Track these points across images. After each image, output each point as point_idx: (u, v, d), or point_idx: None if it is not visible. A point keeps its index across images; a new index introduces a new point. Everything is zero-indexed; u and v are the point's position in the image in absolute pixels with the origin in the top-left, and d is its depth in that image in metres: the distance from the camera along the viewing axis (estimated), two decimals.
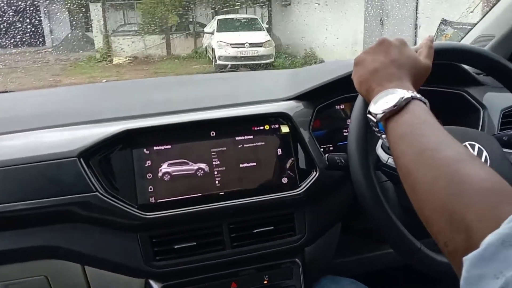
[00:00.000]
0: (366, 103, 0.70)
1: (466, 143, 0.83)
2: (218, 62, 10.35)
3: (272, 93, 1.06)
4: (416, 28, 7.60)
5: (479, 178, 0.46)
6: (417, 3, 7.59)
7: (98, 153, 0.86)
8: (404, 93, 0.60)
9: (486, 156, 0.81)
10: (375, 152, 0.86)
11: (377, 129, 0.67)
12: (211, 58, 10.99)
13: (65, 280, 0.89)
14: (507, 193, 0.44)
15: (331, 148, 1.11)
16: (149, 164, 0.87)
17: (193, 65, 10.92)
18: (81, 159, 0.83)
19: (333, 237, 1.03)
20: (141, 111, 0.97)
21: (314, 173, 0.94)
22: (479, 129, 1.06)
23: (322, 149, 1.07)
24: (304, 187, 0.92)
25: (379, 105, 0.61)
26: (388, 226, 0.72)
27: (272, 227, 0.92)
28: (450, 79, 1.09)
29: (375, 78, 0.66)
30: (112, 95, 1.19)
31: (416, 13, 7.59)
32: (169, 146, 0.89)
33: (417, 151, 0.53)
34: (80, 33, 14.55)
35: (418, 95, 0.62)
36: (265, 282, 0.93)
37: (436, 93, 1.12)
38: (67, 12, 14.16)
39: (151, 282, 0.88)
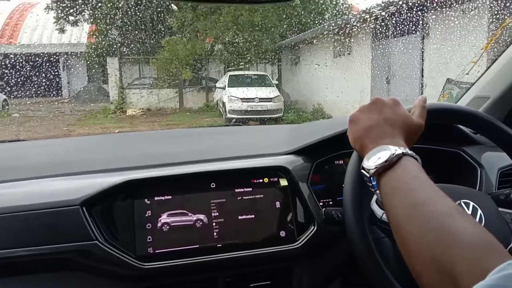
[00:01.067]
0: (361, 159, 0.73)
1: (461, 201, 0.83)
2: (229, 115, 10.58)
3: (273, 147, 1.09)
4: (422, 87, 7.75)
5: (467, 233, 0.47)
6: (422, 63, 7.80)
7: (100, 202, 0.88)
8: (395, 149, 0.63)
9: (480, 214, 0.82)
10: (371, 207, 0.87)
11: (370, 184, 0.69)
12: (222, 112, 11.24)
13: None
14: (494, 248, 0.45)
15: (331, 203, 1.11)
16: (149, 214, 0.89)
17: (204, 118, 11.16)
18: (84, 208, 0.86)
19: None
20: (144, 162, 1.00)
21: (312, 227, 0.94)
22: (477, 188, 1.07)
23: (321, 204, 1.08)
24: (302, 241, 0.93)
25: (372, 161, 0.64)
26: (382, 281, 0.71)
27: (269, 282, 0.91)
28: (447, 138, 1.12)
29: (368, 135, 0.69)
30: (118, 146, 1.24)
31: (422, 72, 7.78)
32: (170, 197, 0.91)
33: (408, 205, 0.55)
34: (96, 85, 15.11)
35: (410, 152, 0.64)
36: None
37: (434, 151, 1.14)
38: (85, 65, 14.79)
39: None
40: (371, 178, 0.66)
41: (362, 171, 0.67)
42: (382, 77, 9.07)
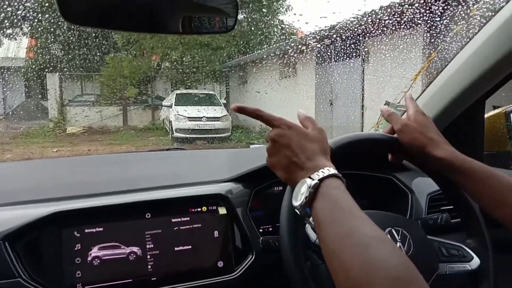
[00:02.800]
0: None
1: (392, 229, 0.86)
2: (175, 134, 10.44)
3: (212, 174, 1.08)
4: (362, 109, 8.09)
5: (388, 266, 0.48)
6: (363, 86, 8.16)
7: (25, 236, 0.82)
8: (310, 181, 0.63)
9: (410, 241, 0.85)
10: (306, 231, 0.87)
11: (307, 219, 0.69)
12: (168, 130, 11.07)
13: None
14: (412, 281, 0.46)
15: (270, 229, 1.12)
16: (79, 247, 0.84)
17: (149, 137, 10.91)
18: (6, 243, 0.80)
19: None
20: (75, 192, 0.95)
21: (250, 256, 0.94)
22: (408, 212, 1.11)
23: (261, 230, 1.08)
24: (240, 270, 0.92)
25: (298, 199, 0.64)
26: None
27: None
28: (379, 165, 1.16)
29: (291, 173, 0.69)
30: (49, 173, 1.17)
31: (363, 95, 8.13)
32: (101, 229, 0.87)
33: (333, 238, 0.56)
34: (34, 102, 14.36)
35: (328, 172, 0.64)
36: None
37: (368, 177, 1.19)
38: (22, 81, 14.04)
39: None
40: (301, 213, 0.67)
41: (296, 210, 0.67)
42: (326, 99, 9.38)
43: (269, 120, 0.73)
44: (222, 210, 0.97)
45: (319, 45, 8.79)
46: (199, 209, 0.95)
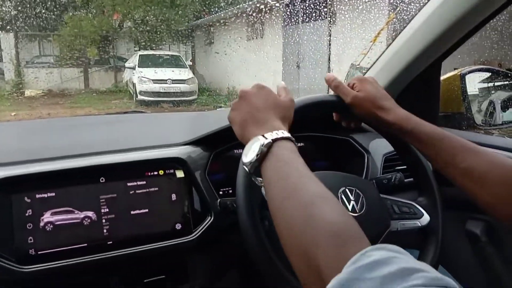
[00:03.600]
0: None
1: (346, 188, 0.88)
2: (139, 97, 10.19)
3: (171, 138, 1.06)
4: (329, 71, 8.13)
5: (327, 221, 0.49)
6: (329, 49, 8.16)
7: None
8: (264, 138, 0.63)
9: (363, 200, 0.88)
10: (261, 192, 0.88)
11: (253, 178, 0.70)
12: (132, 93, 10.79)
13: None
14: (351, 235, 0.47)
15: (231, 191, 1.12)
16: (30, 213, 0.82)
17: (112, 100, 10.61)
18: None
19: (232, 284, 1.03)
20: (26, 156, 0.92)
21: (209, 217, 0.94)
22: (364, 172, 1.14)
23: (221, 193, 1.08)
24: (198, 232, 0.92)
25: (249, 156, 0.64)
26: (267, 264, 0.73)
27: (164, 276, 0.90)
28: (337, 127, 1.17)
29: (246, 128, 0.70)
30: (1, 137, 1.12)
31: (329, 57, 8.15)
32: (53, 194, 0.84)
33: (279, 195, 0.57)
34: None
35: (282, 134, 0.65)
36: None
37: (326, 139, 1.20)
38: None
39: None
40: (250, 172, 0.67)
41: (244, 167, 0.67)
42: (293, 62, 9.35)
43: None
44: (180, 174, 0.96)
45: (285, 5, 8.65)
46: (155, 173, 0.94)
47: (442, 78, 1.28)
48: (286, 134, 0.65)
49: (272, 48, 9.85)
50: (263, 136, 0.64)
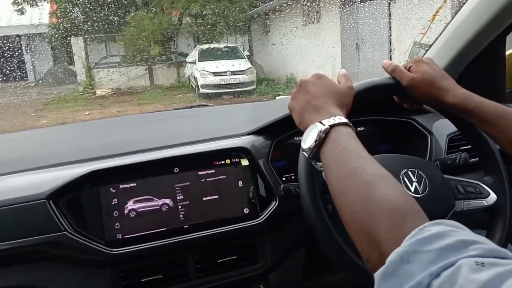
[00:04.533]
0: None
1: (408, 170, 0.89)
2: (201, 90, 10.49)
3: (234, 129, 1.13)
4: (390, 52, 7.85)
5: (387, 199, 0.51)
6: (390, 29, 7.86)
7: (66, 194, 0.90)
8: (321, 126, 0.66)
9: (425, 181, 0.88)
10: (323, 177, 0.91)
11: (313, 163, 0.73)
12: (194, 87, 11.13)
13: None
14: (410, 212, 0.49)
15: (293, 177, 1.17)
16: (116, 202, 0.92)
17: (177, 95, 11.01)
18: (50, 201, 0.88)
19: (297, 262, 1.08)
20: (108, 152, 1.03)
21: (274, 202, 1.00)
22: (428, 154, 1.13)
23: (284, 179, 1.13)
24: (264, 216, 0.98)
25: (308, 142, 0.68)
26: (330, 243, 0.76)
27: (236, 256, 0.97)
28: (399, 109, 1.17)
29: (304, 116, 0.73)
30: (82, 136, 1.25)
31: (390, 38, 7.85)
32: (134, 184, 0.94)
33: (338, 177, 0.59)
34: (62, 67, 14.62)
35: (339, 120, 0.67)
36: None
37: (387, 122, 1.20)
38: (48, 47, 14.25)
39: None
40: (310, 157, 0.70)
41: (304, 153, 0.71)
42: (352, 44, 9.12)
43: None
44: (245, 162, 1.02)
45: None
46: (223, 162, 1.01)
47: (507, 53, 1.23)
48: (344, 119, 0.67)
49: (329, 33, 9.66)
50: (321, 122, 0.67)
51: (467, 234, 0.42)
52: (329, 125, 0.66)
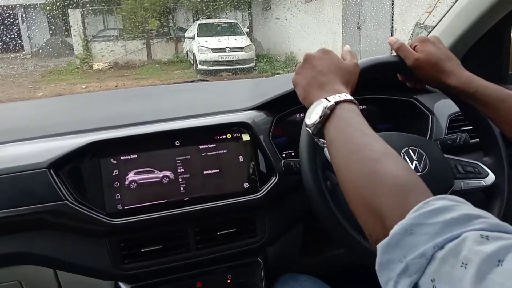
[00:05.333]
0: None
1: (409, 148, 0.90)
2: (199, 66, 10.38)
3: (235, 103, 1.13)
4: (392, 31, 7.77)
5: (391, 175, 0.52)
6: (392, 8, 7.76)
7: (67, 164, 0.91)
8: (326, 102, 0.66)
9: (426, 160, 0.89)
10: (324, 154, 0.91)
11: (316, 139, 0.73)
12: (192, 63, 11.01)
13: (38, 284, 0.93)
14: (414, 187, 0.50)
15: (293, 154, 1.17)
16: (116, 173, 0.93)
17: (174, 70, 10.91)
18: (51, 170, 0.88)
19: (295, 237, 1.10)
20: (109, 123, 1.02)
21: (274, 178, 1.00)
22: (428, 133, 1.14)
23: (284, 155, 1.14)
24: (264, 191, 0.99)
25: (312, 118, 0.68)
26: (331, 219, 0.77)
27: (235, 229, 0.98)
28: (401, 88, 1.17)
29: (309, 91, 0.72)
30: (83, 107, 1.24)
31: (392, 17, 7.76)
32: (135, 156, 0.94)
33: (343, 154, 0.60)
34: (59, 39, 14.40)
35: (345, 97, 0.67)
36: (228, 281, 0.99)
37: (389, 101, 1.20)
38: (45, 18, 14.00)
39: (120, 284, 0.93)
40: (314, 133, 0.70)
41: (307, 128, 0.71)
42: (354, 23, 9.01)
43: None
44: (246, 137, 1.02)
45: None
46: (224, 136, 1.01)
47: None
48: (349, 97, 0.67)
49: (332, 9, 9.52)
50: (326, 99, 0.66)
51: (471, 209, 0.43)
52: (335, 102, 0.65)
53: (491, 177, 0.91)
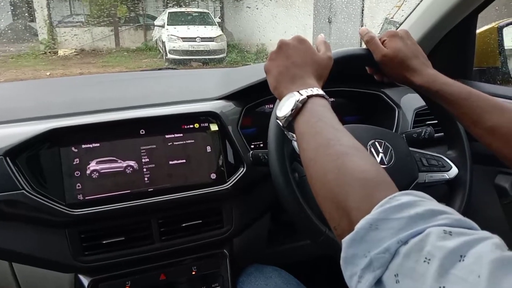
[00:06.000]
0: None
1: (375, 141, 0.90)
2: (169, 56, 10.20)
3: (204, 93, 1.10)
4: (362, 25, 7.87)
5: (359, 170, 0.52)
6: (363, 3, 7.86)
7: (24, 151, 0.86)
8: (300, 94, 0.66)
9: (392, 152, 0.90)
10: (292, 145, 0.91)
11: (286, 132, 0.73)
12: (162, 52, 10.81)
13: None
14: (381, 182, 0.50)
15: (261, 145, 1.17)
16: (77, 162, 0.89)
17: (143, 59, 10.68)
18: (7, 158, 0.84)
19: (262, 229, 1.09)
20: (71, 109, 0.98)
21: (242, 169, 0.99)
22: (394, 126, 1.16)
23: (252, 146, 1.13)
24: (231, 182, 0.97)
25: (283, 110, 0.67)
26: (297, 210, 0.77)
27: (200, 221, 0.96)
28: (369, 81, 1.18)
29: (281, 82, 0.72)
30: (45, 93, 1.19)
31: (362, 12, 7.86)
32: (98, 144, 0.91)
33: (312, 148, 0.59)
34: (23, 23, 13.81)
35: (316, 92, 0.67)
36: (193, 272, 0.98)
37: (357, 93, 1.21)
38: (7, 1, 13.38)
39: (80, 276, 0.90)
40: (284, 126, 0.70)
41: (277, 121, 0.70)
42: (325, 16, 9.08)
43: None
44: (214, 127, 1.01)
45: None
46: (191, 126, 0.99)
47: (478, 31, 1.25)
48: (321, 92, 0.68)
49: (302, 2, 9.55)
50: (299, 92, 0.66)
51: (435, 205, 0.43)
52: (307, 96, 0.65)
53: (454, 170, 0.94)
